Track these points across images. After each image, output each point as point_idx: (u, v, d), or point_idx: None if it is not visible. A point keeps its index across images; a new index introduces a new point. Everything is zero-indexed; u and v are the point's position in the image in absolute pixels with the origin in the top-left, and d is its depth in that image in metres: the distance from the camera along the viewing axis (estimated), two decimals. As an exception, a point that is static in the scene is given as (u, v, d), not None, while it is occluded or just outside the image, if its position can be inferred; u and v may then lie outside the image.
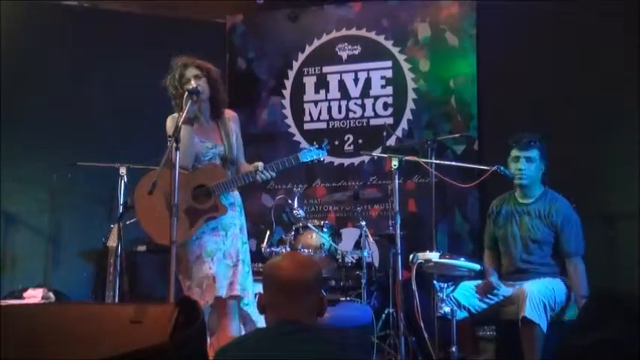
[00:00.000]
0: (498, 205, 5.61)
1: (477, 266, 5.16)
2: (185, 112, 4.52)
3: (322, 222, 6.05)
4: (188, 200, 4.69)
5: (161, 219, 4.69)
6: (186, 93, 4.62)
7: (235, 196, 4.99)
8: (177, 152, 4.37)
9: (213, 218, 4.82)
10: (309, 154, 4.98)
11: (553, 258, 5.33)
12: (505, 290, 5.22)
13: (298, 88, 7.58)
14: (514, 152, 5.39)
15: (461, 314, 5.20)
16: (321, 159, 5.07)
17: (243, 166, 5.04)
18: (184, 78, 4.84)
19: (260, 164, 4.87)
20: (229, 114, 5.07)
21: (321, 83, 7.51)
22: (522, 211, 5.42)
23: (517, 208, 5.46)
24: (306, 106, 7.54)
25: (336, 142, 7.33)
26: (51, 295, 6.54)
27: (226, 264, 4.80)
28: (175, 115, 4.79)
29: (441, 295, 5.13)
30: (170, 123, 4.87)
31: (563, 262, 5.30)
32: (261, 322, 4.04)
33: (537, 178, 5.42)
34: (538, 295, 4.88)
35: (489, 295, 5.26)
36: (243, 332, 4.83)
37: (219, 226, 4.86)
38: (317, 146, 5.03)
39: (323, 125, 7.45)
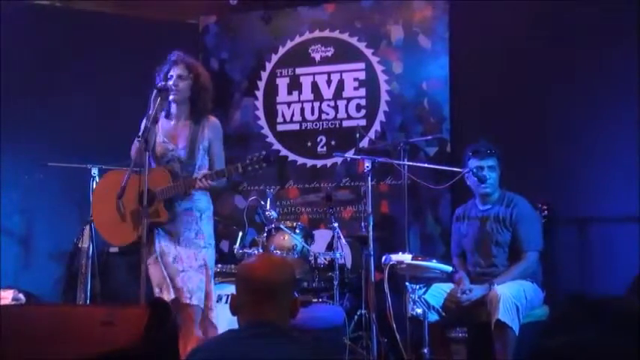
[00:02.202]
0: (462, 213, 5.70)
1: (449, 268, 5.19)
2: (153, 110, 4.52)
3: (295, 223, 6.05)
4: (135, 202, 4.66)
5: (110, 219, 4.83)
6: (155, 91, 4.61)
7: (196, 200, 4.90)
8: (147, 153, 4.37)
9: (157, 224, 4.77)
10: (250, 166, 4.64)
11: (511, 258, 5.38)
12: (476, 293, 5.22)
13: (271, 90, 7.57)
14: (475, 162, 5.44)
15: (432, 316, 5.23)
16: (263, 165, 4.64)
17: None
18: (169, 74, 4.85)
19: (201, 173, 4.77)
20: (209, 120, 5.01)
21: (294, 84, 7.50)
22: (483, 216, 5.49)
23: (478, 214, 5.53)
24: (278, 107, 7.53)
25: (309, 144, 7.34)
26: (21, 296, 6.49)
27: (175, 269, 4.75)
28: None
29: (413, 297, 5.15)
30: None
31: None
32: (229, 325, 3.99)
33: (497, 184, 5.48)
34: (511, 298, 4.91)
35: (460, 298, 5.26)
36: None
37: (172, 230, 4.84)
38: (258, 155, 4.65)
39: (296, 126, 7.45)
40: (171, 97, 4.84)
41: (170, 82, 4.79)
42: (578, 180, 6.35)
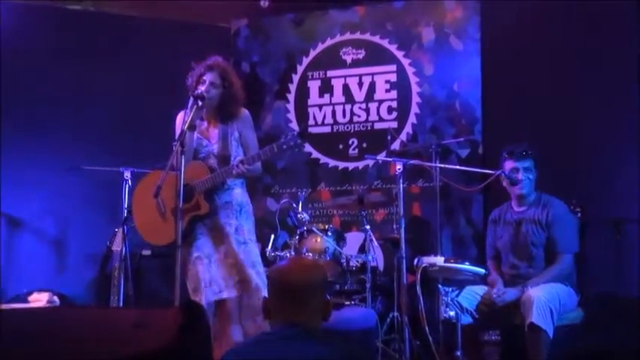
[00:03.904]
0: (497, 216, 5.64)
1: (482, 270, 5.16)
2: (190, 117, 4.54)
3: (327, 226, 6.03)
4: (174, 199, 4.68)
5: (151, 220, 4.88)
6: (192, 98, 4.64)
7: (234, 195, 4.97)
8: (183, 156, 4.39)
9: (198, 217, 4.83)
10: (285, 144, 4.67)
11: (548, 259, 5.33)
12: (510, 295, 5.18)
13: (302, 92, 7.58)
14: (510, 164, 5.40)
15: (465, 318, 5.20)
16: (297, 142, 4.63)
17: None
18: (202, 79, 4.88)
19: (238, 158, 4.83)
20: (240, 112, 5.08)
21: (326, 87, 7.50)
22: (519, 219, 5.43)
23: (514, 216, 5.47)
24: (310, 110, 7.54)
25: (341, 146, 7.34)
26: (56, 298, 6.55)
27: (228, 263, 4.81)
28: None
29: (446, 299, 5.13)
30: (179, 119, 4.90)
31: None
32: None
33: (533, 186, 5.44)
34: (545, 301, 4.86)
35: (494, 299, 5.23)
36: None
37: (213, 225, 4.89)
38: (293, 133, 4.70)
39: (327, 129, 7.45)
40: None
41: (202, 88, 4.81)
42: (612, 181, 6.29)
